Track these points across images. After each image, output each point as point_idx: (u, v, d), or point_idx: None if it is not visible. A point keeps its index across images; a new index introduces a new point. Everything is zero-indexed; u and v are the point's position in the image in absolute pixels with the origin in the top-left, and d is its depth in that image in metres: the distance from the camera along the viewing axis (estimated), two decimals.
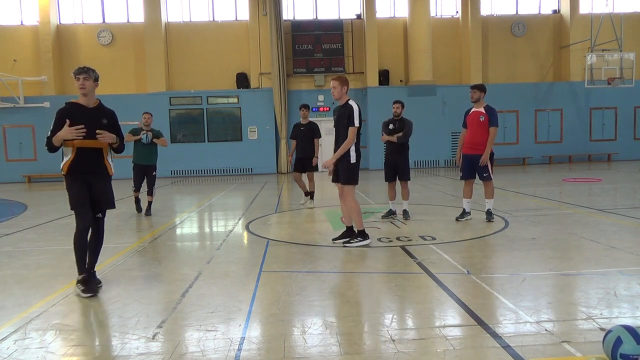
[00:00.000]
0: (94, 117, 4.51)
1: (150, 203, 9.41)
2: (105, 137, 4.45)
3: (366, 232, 6.20)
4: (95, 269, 4.60)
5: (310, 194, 9.89)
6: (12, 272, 5.35)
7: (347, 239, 6.14)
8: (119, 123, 4.75)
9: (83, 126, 4.34)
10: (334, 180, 6.28)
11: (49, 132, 4.45)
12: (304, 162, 9.82)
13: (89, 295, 4.32)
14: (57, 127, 4.41)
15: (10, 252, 6.45)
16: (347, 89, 6.10)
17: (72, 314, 3.96)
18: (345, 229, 6.38)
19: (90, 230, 4.54)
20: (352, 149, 6.02)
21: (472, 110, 7.61)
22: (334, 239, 6.33)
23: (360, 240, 6.08)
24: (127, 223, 8.69)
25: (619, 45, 20.32)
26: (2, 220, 9.57)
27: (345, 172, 6.04)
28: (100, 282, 4.56)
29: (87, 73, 4.45)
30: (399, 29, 21.83)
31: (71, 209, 4.52)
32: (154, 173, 9.44)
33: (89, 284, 4.42)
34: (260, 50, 20.97)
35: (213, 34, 21.26)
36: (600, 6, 21.21)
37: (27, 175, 20.24)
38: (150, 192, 9.40)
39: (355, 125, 5.94)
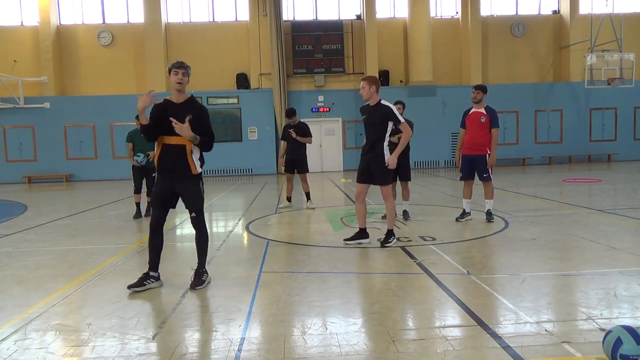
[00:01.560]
0: (179, 113, 4.39)
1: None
2: (179, 127, 4.26)
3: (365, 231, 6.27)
4: (204, 268, 4.66)
5: (306, 195, 9.89)
6: (12, 273, 5.35)
7: (385, 240, 6.07)
8: (207, 121, 4.52)
9: (152, 90, 4.36)
10: (360, 181, 6.15)
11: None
12: (294, 164, 9.78)
13: (131, 289, 4.42)
14: (152, 117, 4.46)
15: (10, 252, 6.45)
16: (376, 88, 5.96)
17: (72, 314, 3.96)
18: (354, 229, 6.39)
19: (159, 229, 4.61)
20: (386, 149, 5.95)
21: (471, 111, 7.60)
22: (346, 240, 6.29)
23: (394, 239, 6.11)
24: (127, 223, 8.69)
25: (619, 45, 20.33)
26: (2, 221, 9.57)
27: (383, 174, 5.96)
28: (202, 283, 4.54)
29: (186, 69, 4.44)
30: (399, 30, 21.84)
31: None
32: (154, 174, 9.24)
33: (140, 279, 4.50)
34: (260, 50, 20.99)
35: (213, 35, 21.28)
36: (600, 6, 21.23)
37: (27, 176, 20.25)
38: (150, 194, 9.30)
39: (402, 120, 5.95)
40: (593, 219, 7.54)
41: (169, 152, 4.44)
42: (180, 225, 8.48)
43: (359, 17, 21.65)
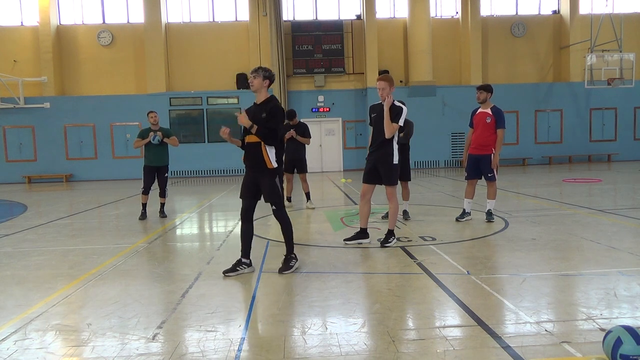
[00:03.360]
0: (256, 112, 4.89)
1: (162, 205, 9.23)
2: (239, 119, 4.78)
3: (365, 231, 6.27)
4: (292, 254, 5.08)
5: (306, 195, 9.90)
6: (12, 273, 5.35)
7: (385, 240, 6.08)
8: (273, 119, 4.83)
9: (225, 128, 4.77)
10: (366, 181, 6.15)
11: None
12: (295, 164, 9.77)
13: (225, 274, 4.89)
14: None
15: (10, 252, 6.45)
16: (393, 89, 6.04)
17: (72, 314, 3.96)
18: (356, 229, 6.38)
19: (249, 218, 5.09)
20: (396, 149, 5.99)
21: (478, 111, 7.62)
22: (346, 240, 6.31)
23: (394, 239, 6.12)
24: (127, 223, 8.69)
25: (619, 45, 20.33)
26: (2, 221, 9.57)
27: (390, 173, 5.98)
28: (290, 268, 4.95)
29: (256, 72, 4.86)
30: (399, 30, 21.84)
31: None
32: (166, 174, 9.14)
33: (233, 265, 4.99)
34: (260, 50, 20.97)
35: (213, 35, 21.27)
36: (600, 6, 21.24)
37: (27, 176, 20.24)
38: (162, 194, 9.14)
39: (399, 124, 5.93)
40: (593, 218, 7.54)
41: (249, 149, 4.92)
42: (180, 226, 8.48)
43: (359, 17, 21.65)
